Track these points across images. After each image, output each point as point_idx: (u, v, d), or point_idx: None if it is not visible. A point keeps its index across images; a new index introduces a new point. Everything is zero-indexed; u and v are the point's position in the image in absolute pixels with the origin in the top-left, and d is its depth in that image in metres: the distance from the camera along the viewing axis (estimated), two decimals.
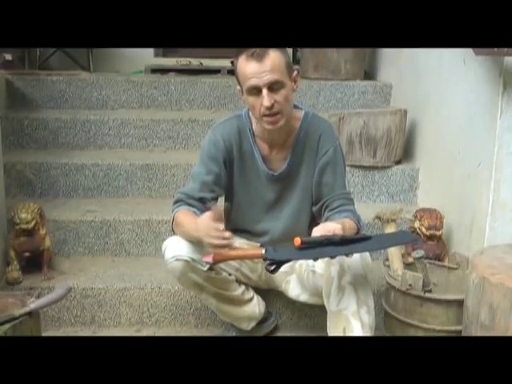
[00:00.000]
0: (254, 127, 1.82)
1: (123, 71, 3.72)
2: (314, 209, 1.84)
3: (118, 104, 3.07)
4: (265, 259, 1.54)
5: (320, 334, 1.92)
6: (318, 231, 1.56)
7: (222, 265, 1.82)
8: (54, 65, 3.77)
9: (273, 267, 1.54)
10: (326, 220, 1.75)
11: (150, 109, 3.08)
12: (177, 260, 1.72)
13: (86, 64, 3.67)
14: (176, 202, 1.79)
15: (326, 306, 1.69)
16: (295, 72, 1.73)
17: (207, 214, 1.60)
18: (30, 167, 2.58)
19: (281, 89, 1.66)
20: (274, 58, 1.63)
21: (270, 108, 1.65)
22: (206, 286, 1.80)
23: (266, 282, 1.99)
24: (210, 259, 1.59)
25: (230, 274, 1.88)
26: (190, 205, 1.76)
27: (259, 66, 1.62)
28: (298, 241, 1.51)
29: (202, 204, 1.76)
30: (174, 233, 1.79)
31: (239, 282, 1.93)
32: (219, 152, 1.80)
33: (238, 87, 1.75)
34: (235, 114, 1.89)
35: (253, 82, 1.64)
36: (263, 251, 1.56)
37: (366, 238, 1.58)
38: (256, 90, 1.65)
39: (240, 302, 1.93)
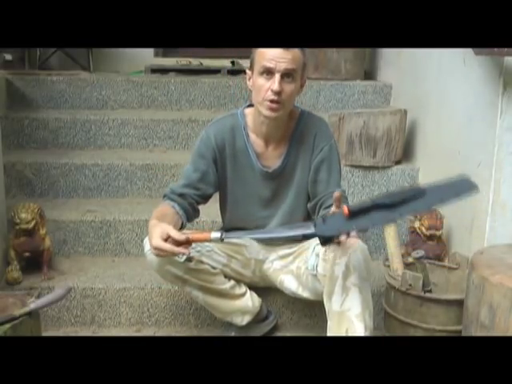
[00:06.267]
0: (249, 123, 1.83)
1: (123, 71, 3.71)
2: (309, 206, 1.84)
3: (118, 104, 3.07)
4: (315, 235, 1.42)
5: (320, 334, 1.92)
6: (338, 250, 1.50)
7: (207, 260, 1.85)
8: (53, 65, 3.76)
9: (325, 242, 1.44)
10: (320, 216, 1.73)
11: (150, 109, 3.08)
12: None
13: (86, 64, 3.67)
14: (163, 196, 1.82)
15: (327, 306, 1.68)
16: (305, 77, 1.77)
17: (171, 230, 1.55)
18: (29, 167, 2.58)
19: (292, 82, 1.68)
20: (298, 52, 1.68)
21: (277, 93, 1.66)
22: (188, 278, 1.82)
23: (261, 278, 1.98)
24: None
25: (214, 268, 1.87)
26: (171, 199, 1.78)
27: (282, 52, 1.65)
28: (345, 210, 1.37)
29: (182, 199, 1.77)
30: None
31: (229, 277, 1.93)
32: (208, 150, 1.81)
33: (249, 71, 1.75)
34: (230, 112, 1.90)
35: (270, 63, 1.65)
36: (216, 235, 1.50)
37: (420, 193, 1.39)
38: (268, 73, 1.66)
39: (230, 296, 1.92)
